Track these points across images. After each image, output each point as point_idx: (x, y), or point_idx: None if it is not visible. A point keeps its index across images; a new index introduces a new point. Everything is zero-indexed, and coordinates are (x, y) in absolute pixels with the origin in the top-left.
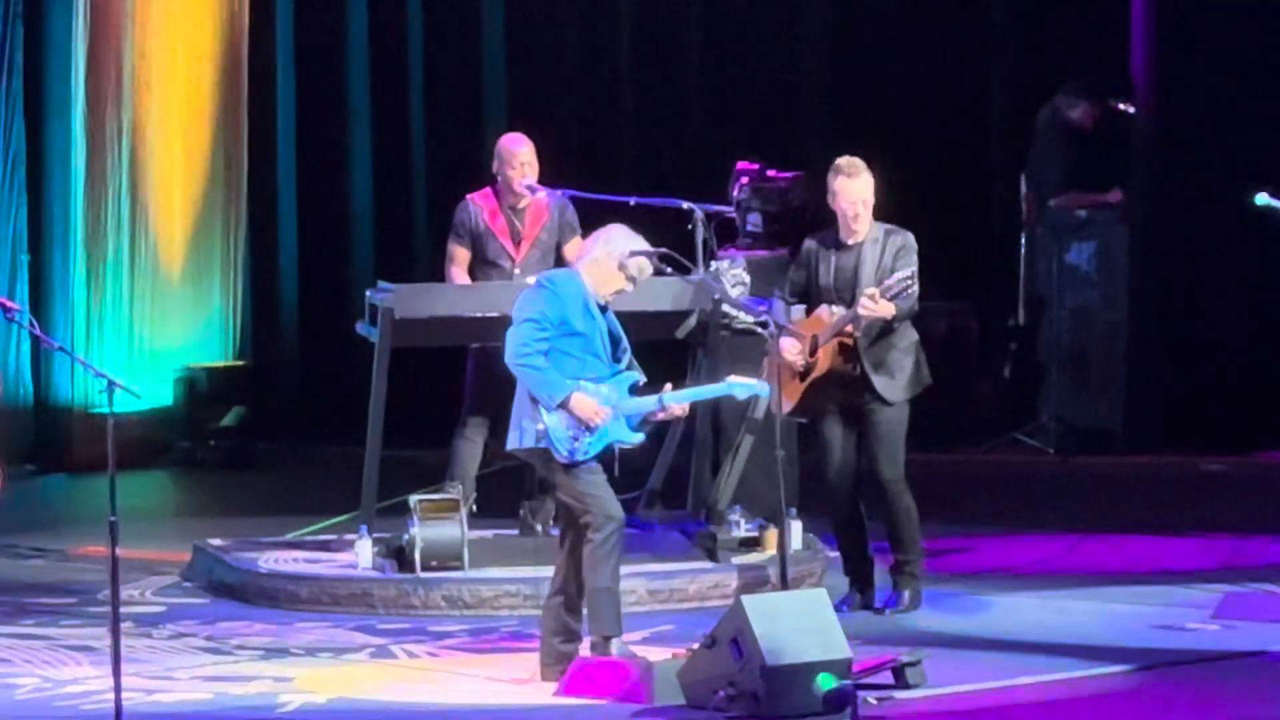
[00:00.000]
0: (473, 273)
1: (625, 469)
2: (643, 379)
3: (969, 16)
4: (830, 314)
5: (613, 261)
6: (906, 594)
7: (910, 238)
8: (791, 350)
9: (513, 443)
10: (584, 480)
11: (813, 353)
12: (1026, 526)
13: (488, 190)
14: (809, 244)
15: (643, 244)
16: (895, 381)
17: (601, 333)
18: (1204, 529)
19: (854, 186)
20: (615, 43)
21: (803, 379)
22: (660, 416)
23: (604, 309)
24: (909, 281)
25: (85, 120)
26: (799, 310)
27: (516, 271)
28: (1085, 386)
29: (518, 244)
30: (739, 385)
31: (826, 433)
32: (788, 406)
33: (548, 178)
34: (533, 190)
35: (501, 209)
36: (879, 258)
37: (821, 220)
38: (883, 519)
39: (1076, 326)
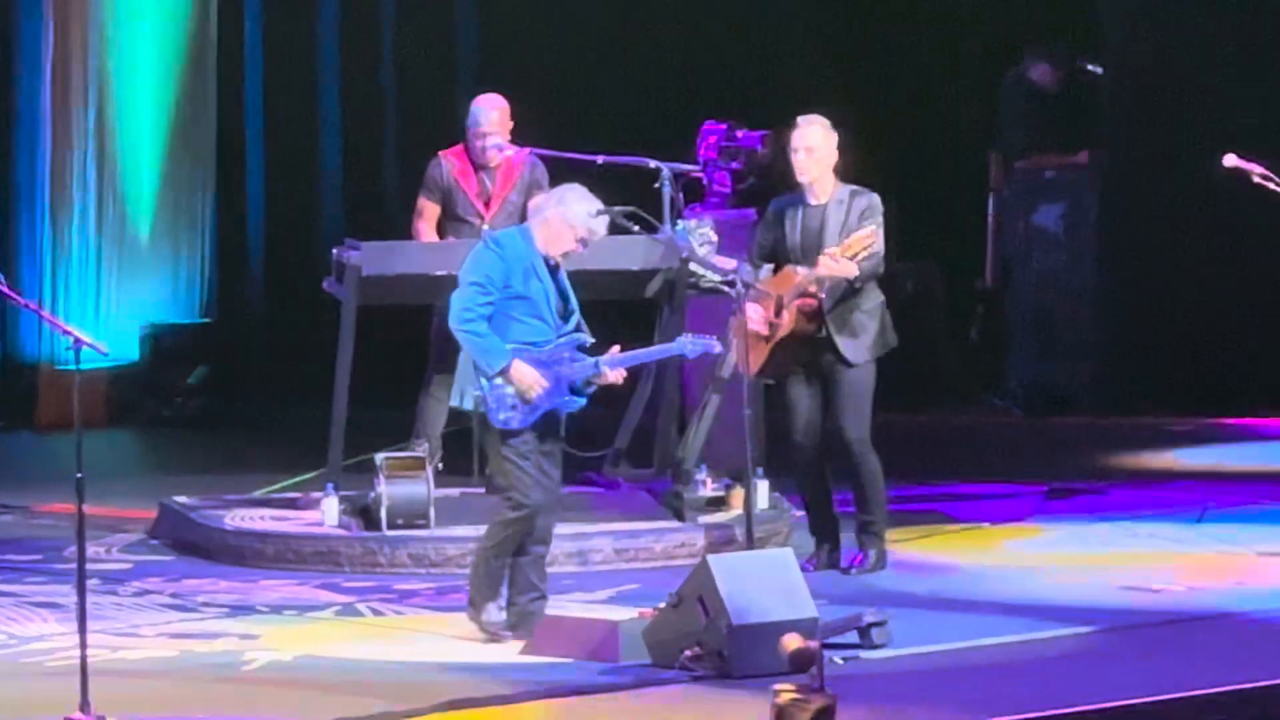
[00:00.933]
0: (442, 229)
1: (592, 429)
2: (589, 340)
3: None
4: (796, 273)
5: (564, 222)
6: (871, 554)
7: (875, 199)
8: (755, 314)
9: (454, 400)
10: (515, 454)
11: (778, 313)
12: (993, 487)
13: (460, 147)
14: (776, 204)
15: (597, 204)
16: (859, 342)
17: (548, 294)
18: (1172, 487)
19: (800, 133)
20: (586, 1)
21: (768, 340)
22: (603, 380)
23: (555, 269)
24: (869, 240)
25: (53, 79)
26: (767, 270)
27: (486, 229)
28: (1053, 348)
29: (487, 202)
30: (690, 343)
31: (792, 393)
32: (754, 367)
33: (517, 136)
34: (501, 149)
35: (473, 167)
36: (844, 217)
37: (789, 180)
38: (848, 479)
39: (1044, 288)
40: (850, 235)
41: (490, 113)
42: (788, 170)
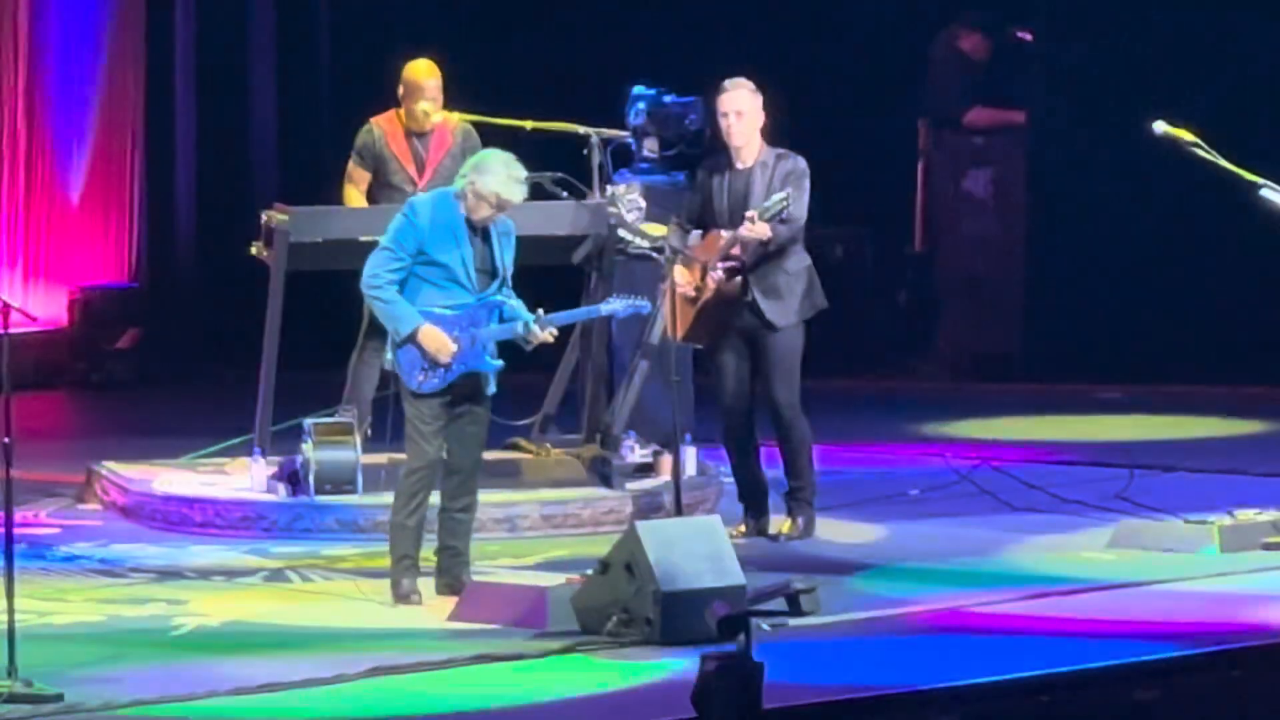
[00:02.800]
0: (374, 195)
1: (519, 394)
2: (510, 303)
3: None
4: (720, 237)
5: (475, 191)
6: (799, 520)
7: (800, 162)
8: (682, 278)
9: (386, 365)
10: (418, 415)
11: (702, 277)
12: (921, 453)
13: (391, 113)
14: (703, 168)
15: (520, 171)
16: (785, 305)
17: (466, 259)
18: (1100, 457)
19: (727, 97)
20: None
21: (694, 304)
22: (532, 342)
23: (484, 233)
24: (785, 203)
25: None
26: (696, 235)
27: (419, 194)
28: (981, 313)
29: (421, 170)
30: (620, 304)
31: (720, 359)
32: (681, 332)
33: (448, 101)
34: (428, 116)
35: (405, 133)
36: (768, 181)
37: (718, 143)
38: (777, 445)
39: (973, 253)
40: (771, 198)
41: (424, 79)
42: (715, 133)
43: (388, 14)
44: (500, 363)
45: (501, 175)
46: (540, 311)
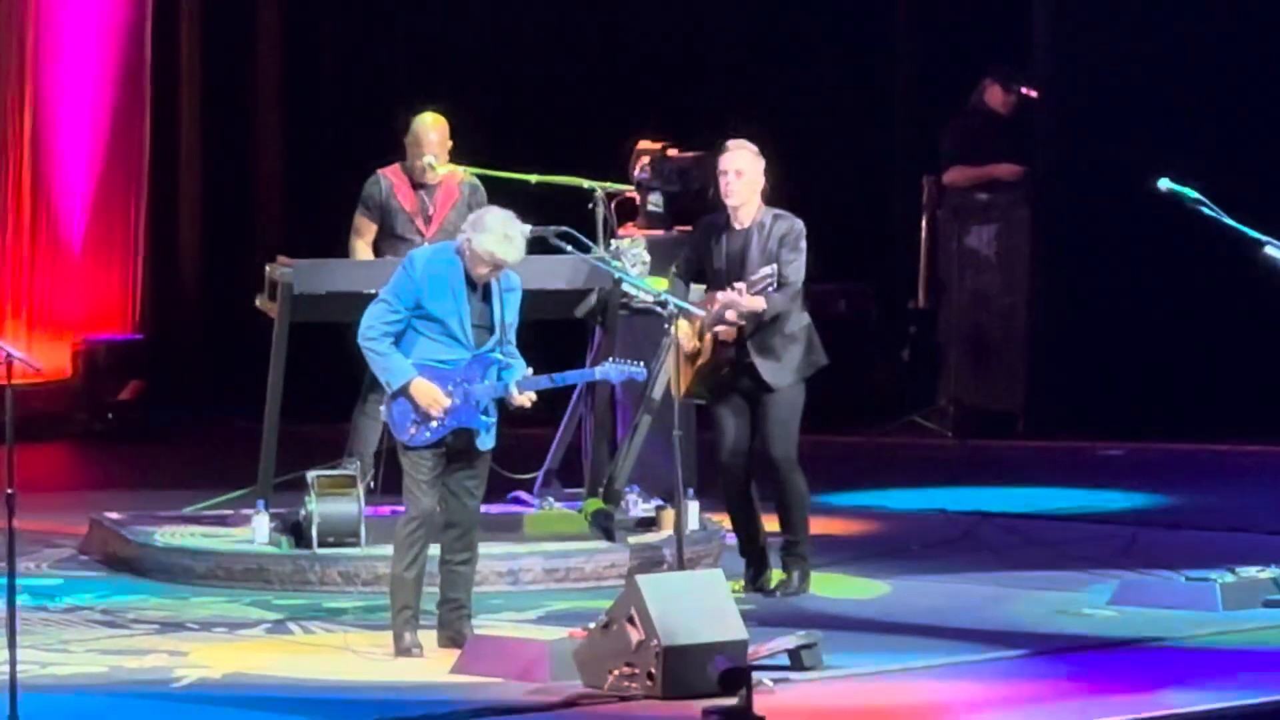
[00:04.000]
0: (381, 247)
1: (523, 447)
2: (508, 361)
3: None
4: (715, 300)
5: (472, 250)
6: (795, 575)
7: (797, 224)
8: (683, 332)
9: (385, 417)
10: (413, 468)
11: (701, 337)
12: (923, 509)
13: (397, 166)
14: (702, 226)
15: (519, 228)
16: (781, 366)
17: (463, 314)
18: (1102, 514)
19: (728, 156)
20: (519, 19)
21: (693, 362)
22: (512, 401)
23: (486, 289)
24: (770, 279)
25: None
26: (697, 291)
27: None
28: (985, 370)
29: (427, 222)
30: (613, 369)
31: (719, 414)
32: (683, 389)
33: (453, 154)
34: (433, 167)
35: (411, 185)
36: (764, 243)
37: (718, 201)
38: (773, 499)
39: (977, 309)
40: (771, 261)
41: (429, 132)
42: (717, 191)
43: (392, 65)
44: (493, 419)
45: (497, 234)
46: (529, 372)
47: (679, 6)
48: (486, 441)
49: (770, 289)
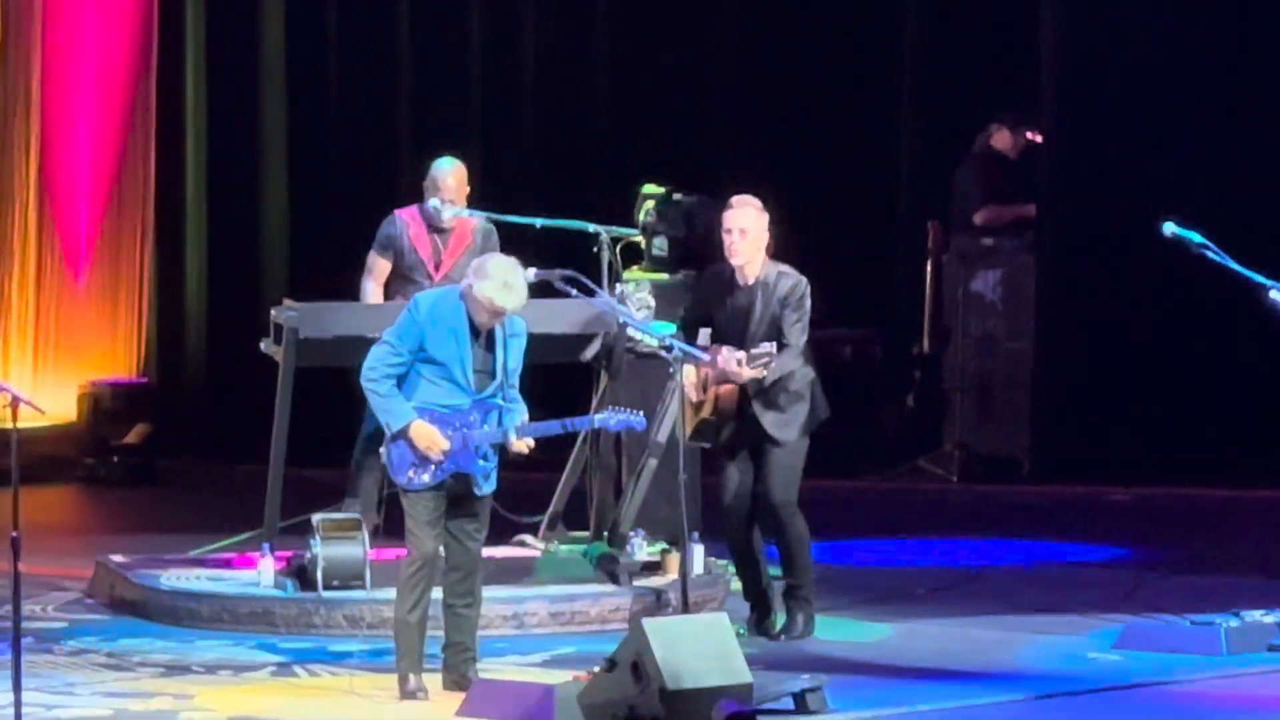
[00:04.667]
0: (390, 288)
1: (528, 491)
2: (509, 407)
3: (879, 45)
4: (720, 356)
5: (474, 296)
6: (800, 618)
7: (801, 282)
8: (690, 378)
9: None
10: (413, 510)
11: (705, 389)
12: (928, 553)
13: (414, 208)
14: (706, 277)
15: (520, 276)
16: (788, 420)
17: (465, 359)
18: (1107, 558)
19: (733, 214)
20: (522, 64)
21: (697, 410)
22: (511, 448)
23: (489, 335)
24: (769, 356)
25: None
26: (705, 335)
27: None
28: (990, 415)
29: (438, 267)
30: (611, 417)
31: (724, 461)
32: (688, 433)
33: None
34: (438, 210)
35: (426, 228)
36: (767, 302)
37: (722, 251)
38: (775, 543)
39: (982, 355)
40: (777, 320)
41: (447, 176)
42: (721, 244)
43: (398, 110)
44: (492, 464)
45: (498, 281)
46: (524, 419)
47: (684, 50)
48: (486, 486)
49: (769, 364)
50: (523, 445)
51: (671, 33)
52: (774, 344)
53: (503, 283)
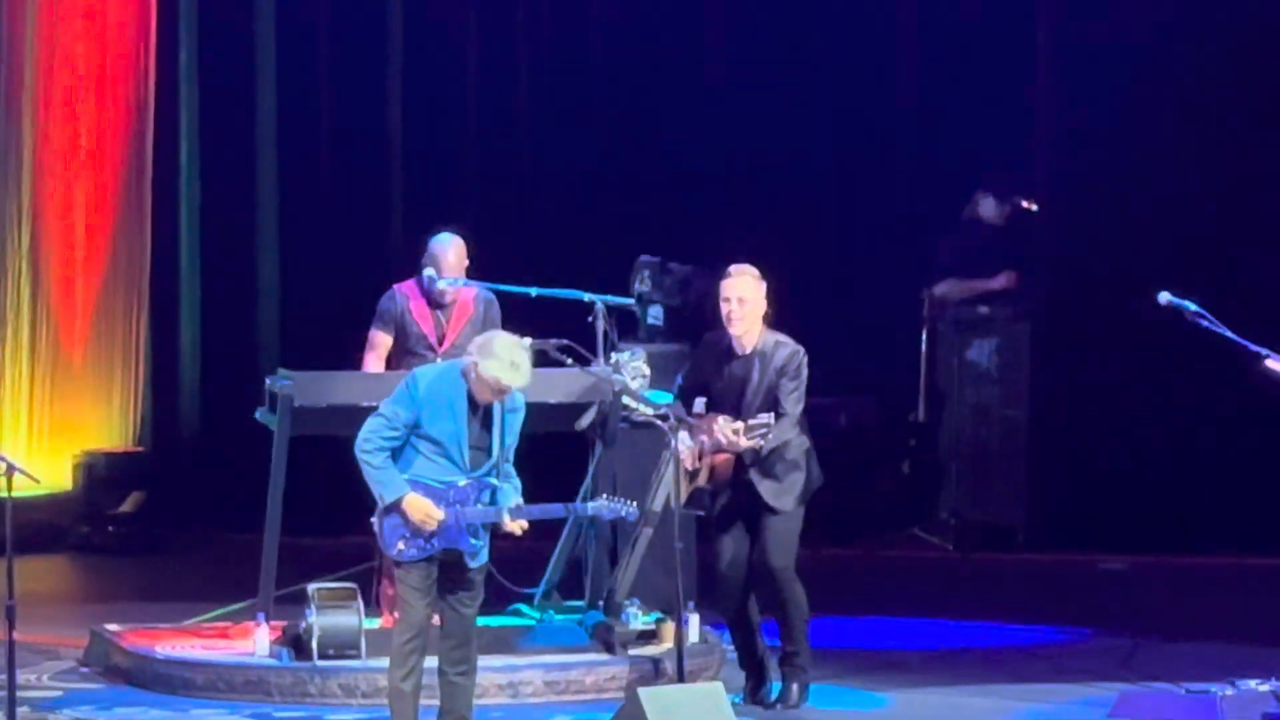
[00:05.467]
0: (394, 362)
1: (524, 559)
2: (503, 485)
3: (874, 114)
4: (715, 424)
5: (479, 375)
6: (794, 687)
7: (798, 352)
8: (685, 447)
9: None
10: (405, 580)
11: (701, 456)
12: (924, 622)
13: (413, 281)
14: (704, 345)
15: (524, 354)
16: (784, 489)
17: (461, 436)
18: (1102, 627)
19: (731, 283)
20: (517, 132)
21: (692, 479)
22: (504, 528)
23: (487, 411)
24: (767, 427)
25: None
26: (700, 403)
27: (438, 363)
28: (985, 483)
29: (441, 339)
30: (605, 507)
31: (719, 527)
32: (683, 498)
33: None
34: (432, 281)
35: (427, 301)
36: (764, 372)
37: (719, 319)
38: (772, 610)
39: (977, 423)
40: (773, 389)
41: (447, 252)
42: (718, 311)
43: (391, 178)
44: (483, 542)
45: (504, 361)
46: (518, 500)
47: (680, 119)
48: (479, 559)
49: (767, 434)
50: (516, 527)
51: (668, 102)
52: (771, 414)
53: (510, 362)
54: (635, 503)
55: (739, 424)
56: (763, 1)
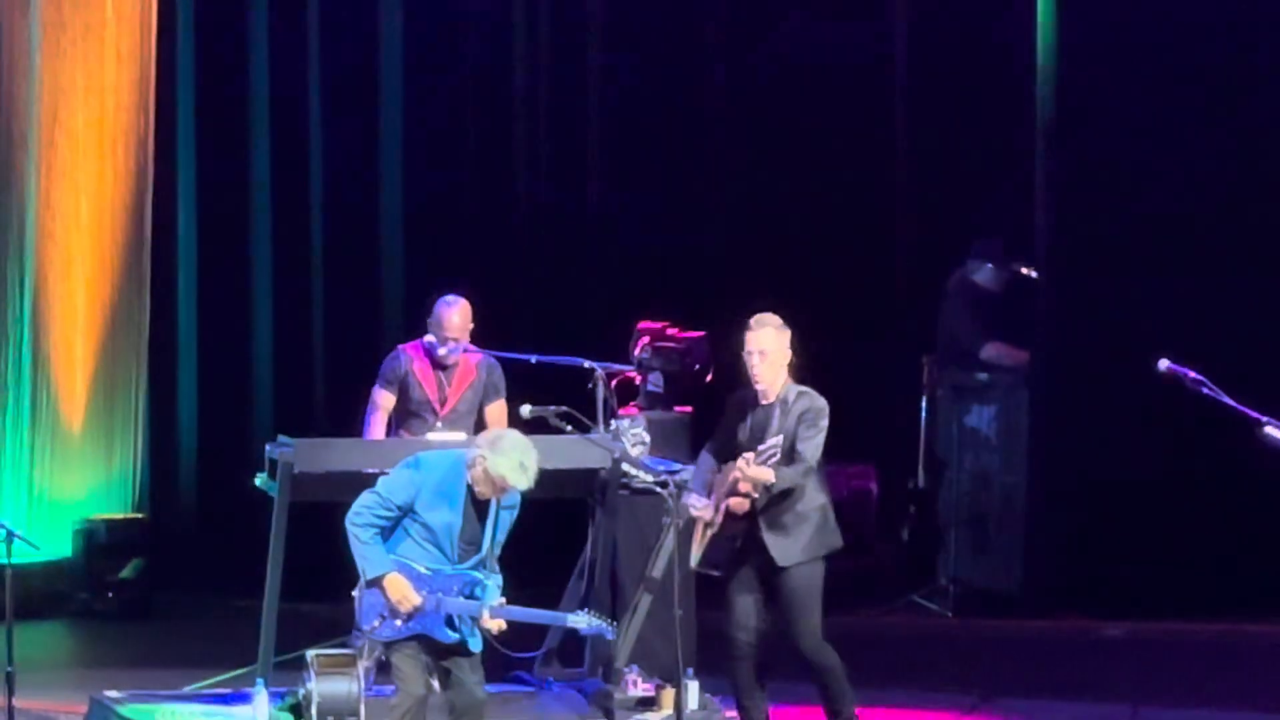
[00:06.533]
0: (394, 423)
1: (524, 628)
2: (486, 581)
3: (872, 180)
4: (731, 471)
5: (486, 472)
6: None
7: (818, 402)
8: (698, 504)
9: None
10: (398, 654)
11: (717, 508)
12: (923, 690)
13: (419, 343)
14: (734, 399)
15: (533, 455)
16: (791, 542)
17: (454, 528)
18: (1102, 694)
19: (753, 335)
20: (515, 197)
21: (707, 530)
22: (483, 625)
23: (483, 506)
24: (775, 450)
25: None
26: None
27: (439, 425)
28: (984, 549)
29: (443, 402)
30: (585, 620)
31: (729, 588)
32: (695, 558)
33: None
34: (446, 348)
35: (431, 364)
36: (784, 419)
37: (741, 377)
38: (811, 679)
39: (976, 489)
40: (788, 438)
41: (452, 315)
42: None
43: (389, 240)
44: (460, 636)
45: (514, 461)
46: (500, 600)
47: (679, 184)
48: (475, 644)
49: (775, 459)
50: (494, 625)
51: (666, 168)
52: (780, 437)
53: (518, 463)
54: (616, 623)
55: (749, 454)
56: (764, 64)
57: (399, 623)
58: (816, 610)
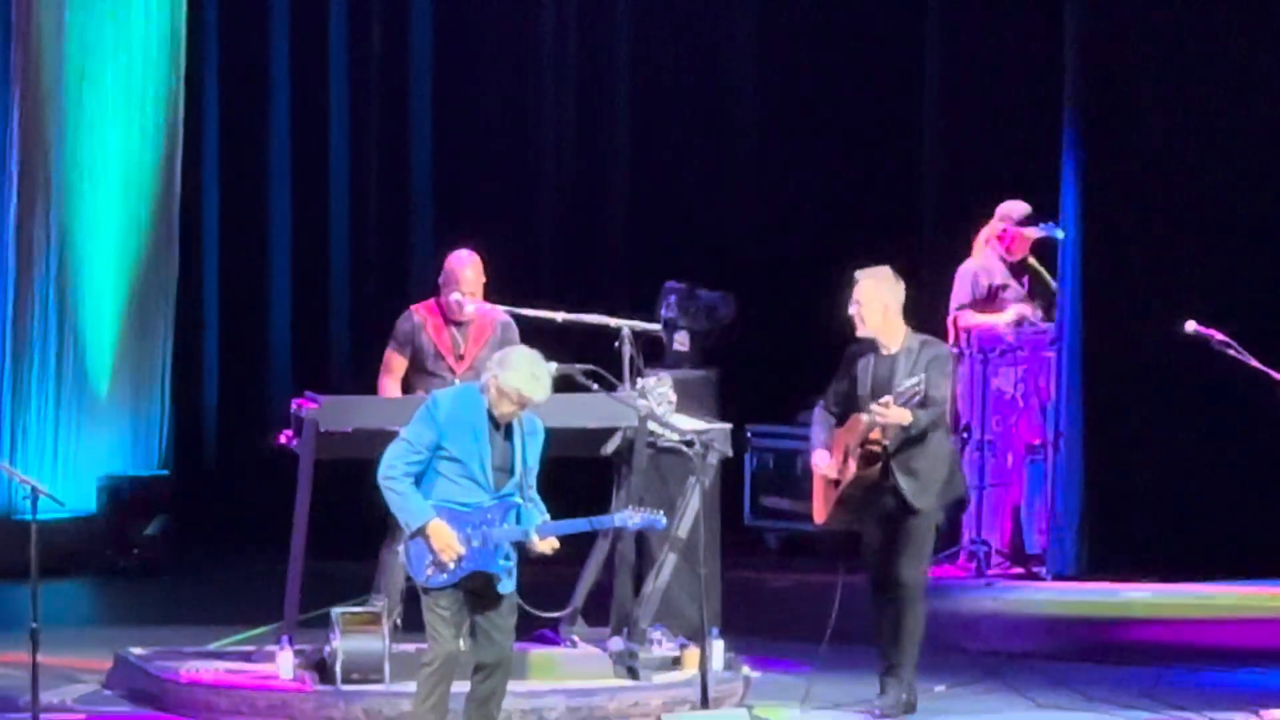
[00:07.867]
0: (412, 383)
1: (547, 585)
2: (527, 504)
3: (898, 142)
4: (860, 420)
5: (499, 387)
6: (890, 695)
7: (944, 350)
8: (823, 461)
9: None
10: (433, 607)
11: (844, 460)
12: (944, 649)
13: (432, 302)
14: (850, 351)
15: (544, 367)
16: (923, 486)
17: (484, 456)
18: (1125, 657)
19: (858, 287)
20: (542, 155)
21: (836, 485)
22: (533, 548)
23: (508, 432)
24: (918, 388)
25: (15, 228)
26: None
27: (456, 382)
28: (1008, 513)
29: (459, 359)
30: (631, 516)
31: (866, 540)
32: (824, 515)
33: (486, 293)
34: (472, 305)
35: (445, 322)
36: (910, 366)
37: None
38: (889, 618)
39: (1000, 450)
40: (903, 384)
41: (465, 269)
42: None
43: (414, 201)
44: (512, 563)
45: (525, 372)
46: (545, 518)
47: (706, 145)
48: (507, 586)
49: (916, 401)
50: (546, 546)
51: (694, 128)
52: (920, 378)
53: (530, 374)
54: (662, 510)
55: (887, 397)
56: (786, 51)
57: (452, 566)
58: (928, 555)
